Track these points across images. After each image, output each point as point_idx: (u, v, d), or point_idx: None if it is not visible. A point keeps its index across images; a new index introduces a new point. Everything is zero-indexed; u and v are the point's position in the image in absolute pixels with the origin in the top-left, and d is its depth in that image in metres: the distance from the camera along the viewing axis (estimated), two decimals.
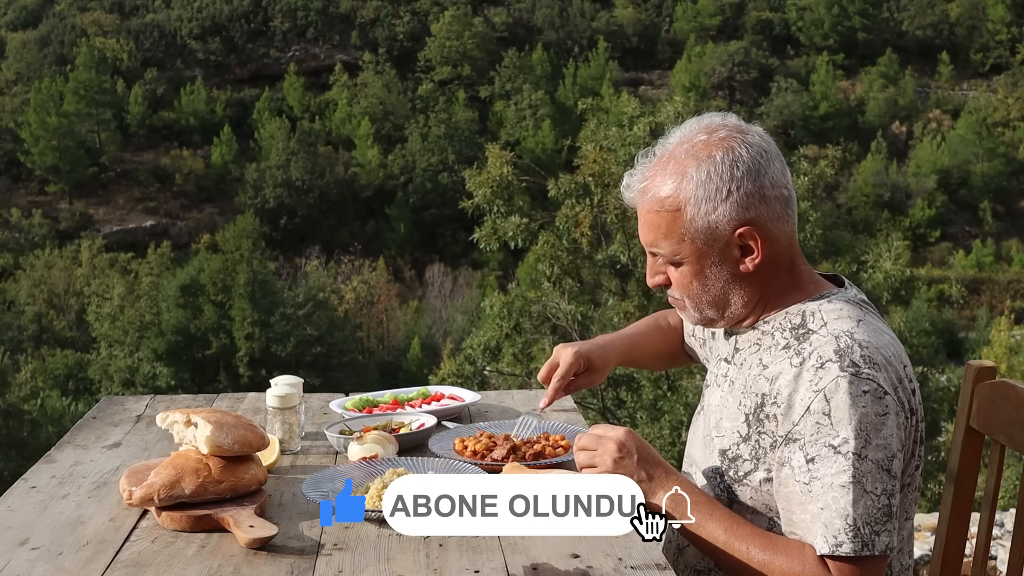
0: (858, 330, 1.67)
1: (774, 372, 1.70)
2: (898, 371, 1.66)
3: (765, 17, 69.86)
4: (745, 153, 1.71)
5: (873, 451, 1.58)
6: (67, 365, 36.22)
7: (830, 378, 1.61)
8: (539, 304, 13.53)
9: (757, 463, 1.71)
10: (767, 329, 1.78)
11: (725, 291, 1.77)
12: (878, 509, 1.57)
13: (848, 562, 1.57)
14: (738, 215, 1.70)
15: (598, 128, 13.75)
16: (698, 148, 1.73)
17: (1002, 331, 30.61)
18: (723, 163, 1.70)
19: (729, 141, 1.72)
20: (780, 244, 1.75)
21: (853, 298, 1.77)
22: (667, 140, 1.79)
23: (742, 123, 1.77)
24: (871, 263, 14.52)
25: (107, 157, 58.22)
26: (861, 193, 54.15)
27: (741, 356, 1.81)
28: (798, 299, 1.77)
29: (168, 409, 1.94)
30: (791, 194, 1.76)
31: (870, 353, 1.63)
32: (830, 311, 1.72)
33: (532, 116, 59.03)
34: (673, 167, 1.74)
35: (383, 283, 48.33)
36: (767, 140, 1.75)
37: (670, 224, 1.74)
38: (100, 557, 1.53)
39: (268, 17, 69.02)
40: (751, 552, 1.62)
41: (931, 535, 5.37)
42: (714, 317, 1.81)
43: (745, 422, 1.73)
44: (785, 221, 1.74)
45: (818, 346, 1.66)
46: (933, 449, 15.67)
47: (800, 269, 1.80)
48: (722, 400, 1.82)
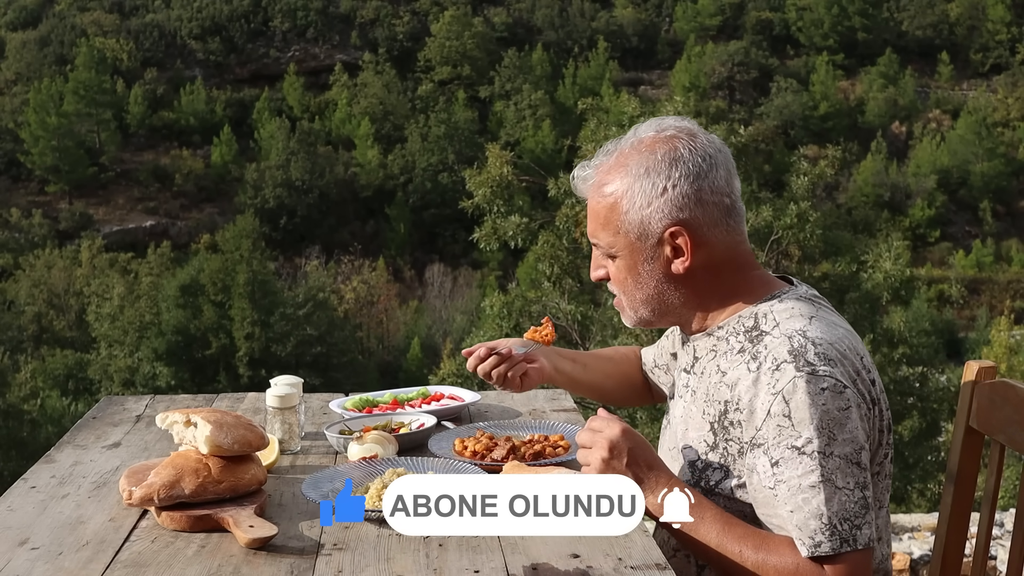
0: (811, 327, 1.66)
1: (733, 378, 1.70)
2: (855, 364, 1.66)
3: (765, 17, 69.89)
4: (687, 154, 1.72)
5: (840, 446, 1.58)
6: (67, 365, 36.23)
7: (787, 379, 1.61)
8: (539, 304, 13.52)
9: (728, 471, 1.71)
10: (722, 335, 1.77)
11: (658, 290, 1.78)
12: (854, 503, 1.57)
13: (833, 561, 1.56)
14: (671, 214, 1.72)
15: (598, 128, 13.74)
16: (643, 144, 1.76)
17: (1002, 331, 30.59)
18: (663, 160, 1.72)
19: (673, 141, 1.74)
20: (717, 250, 1.75)
21: (804, 295, 1.77)
22: (622, 137, 1.81)
23: (696, 128, 1.78)
24: (871, 263, 14.51)
25: (107, 157, 58.26)
26: (861, 193, 54.14)
27: (700, 365, 1.80)
28: (749, 302, 1.77)
29: (168, 409, 1.94)
30: (734, 204, 1.76)
31: (824, 350, 1.63)
32: (782, 311, 1.72)
33: (532, 116, 59.05)
34: (617, 159, 1.77)
35: (383, 283, 48.34)
36: (718, 148, 1.75)
37: (607, 215, 1.76)
38: (100, 557, 1.53)
39: (268, 17, 69.06)
40: (745, 553, 1.61)
41: (931, 535, 5.38)
42: (648, 317, 1.81)
43: (711, 431, 1.73)
44: (724, 229, 1.74)
45: (772, 348, 1.66)
46: (933, 449, 15.65)
47: (751, 274, 1.79)
48: (685, 411, 1.82)
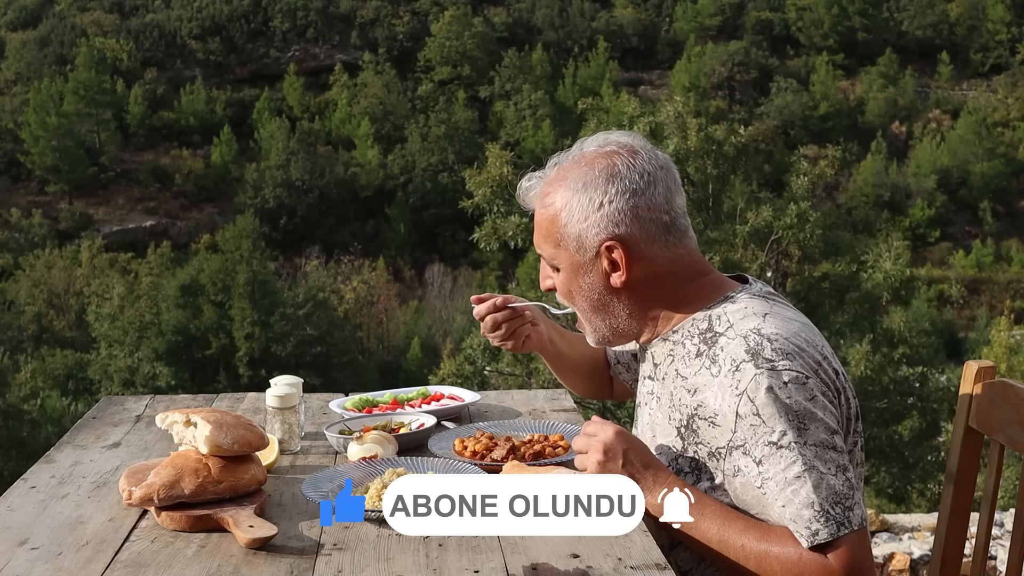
0: (765, 324, 1.67)
1: (694, 383, 1.70)
2: (814, 355, 1.66)
3: (765, 17, 69.88)
4: (625, 171, 1.73)
5: (813, 435, 1.59)
6: (67, 365, 36.23)
7: (748, 378, 1.61)
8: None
9: (700, 473, 1.71)
10: (677, 339, 1.78)
11: (602, 302, 1.79)
12: (840, 485, 1.58)
13: (834, 546, 1.57)
14: (606, 228, 1.73)
15: (598, 128, 13.76)
16: (584, 159, 1.77)
17: (1002, 331, 30.59)
18: (600, 176, 1.74)
19: (613, 157, 1.75)
20: (657, 264, 1.75)
21: (758, 292, 1.77)
22: (568, 150, 1.83)
23: (640, 145, 1.78)
24: (871, 263, 14.53)
25: (107, 157, 58.25)
26: (861, 193, 54.14)
27: (661, 370, 1.81)
28: (702, 306, 1.77)
29: (168, 409, 1.94)
30: (674, 220, 1.76)
31: (781, 345, 1.63)
32: (735, 311, 1.72)
33: (532, 116, 59.04)
34: (558, 173, 1.79)
35: (383, 283, 48.33)
36: (659, 166, 1.75)
37: (548, 227, 1.79)
38: (100, 557, 1.53)
39: (268, 17, 69.05)
40: (747, 546, 1.61)
41: (931, 535, 5.38)
42: (604, 331, 1.82)
43: (678, 435, 1.74)
44: (662, 244, 1.75)
45: (729, 349, 1.66)
46: (933, 449, 15.66)
47: (698, 281, 1.79)
48: (651, 417, 1.82)
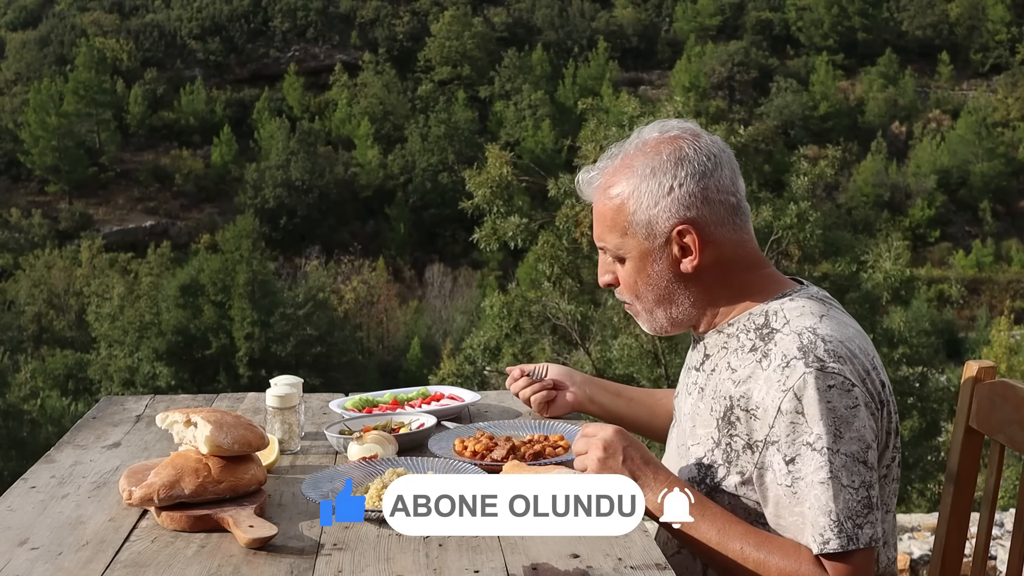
0: (821, 325, 1.67)
1: (743, 375, 1.70)
2: (864, 364, 1.66)
3: (765, 17, 69.90)
4: (692, 153, 1.74)
5: (846, 444, 1.58)
6: (67, 365, 36.24)
7: (797, 375, 1.61)
8: (539, 304, 13.53)
9: (729, 467, 1.71)
10: (732, 332, 1.78)
11: (669, 291, 1.78)
12: (857, 502, 1.57)
13: (838, 559, 1.57)
14: (678, 212, 1.73)
15: (598, 128, 13.75)
16: (648, 145, 1.77)
17: (1002, 331, 30.63)
18: (668, 160, 1.74)
19: (678, 141, 1.76)
20: (724, 249, 1.76)
21: (815, 295, 1.78)
22: (626, 140, 1.83)
23: (699, 129, 1.80)
24: (871, 263, 14.52)
25: (107, 157, 58.26)
26: (861, 193, 54.16)
27: (711, 362, 1.80)
28: (759, 300, 1.77)
29: (168, 409, 1.94)
30: (740, 203, 1.77)
31: (834, 347, 1.63)
32: (792, 309, 1.72)
33: (532, 116, 59.05)
34: (622, 161, 1.79)
35: (383, 283, 48.36)
36: (721, 149, 1.77)
37: (614, 217, 1.78)
38: (100, 557, 1.53)
39: (268, 17, 69.07)
40: (746, 551, 1.61)
41: (931, 535, 5.37)
42: (664, 321, 1.82)
43: (716, 427, 1.73)
44: (731, 228, 1.76)
45: (782, 345, 1.66)
46: (933, 449, 15.66)
47: (761, 272, 1.80)
48: (694, 407, 1.82)
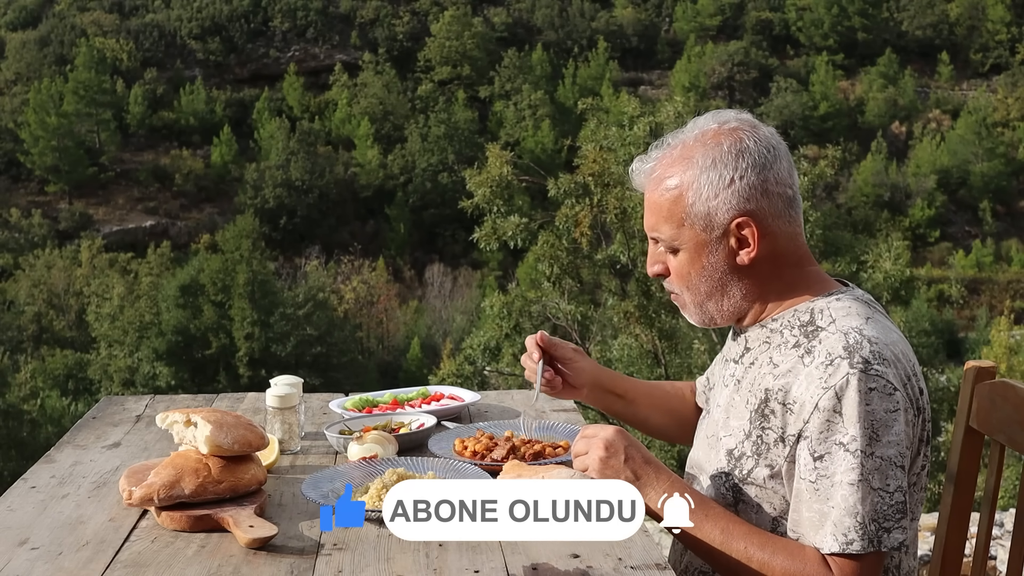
0: (867, 327, 1.66)
1: (783, 369, 1.70)
2: (906, 369, 1.66)
3: (765, 17, 69.88)
4: (752, 145, 1.73)
5: (882, 448, 1.57)
6: (67, 365, 36.24)
7: (840, 375, 1.60)
8: (539, 304, 13.53)
9: (759, 459, 1.70)
10: (776, 327, 1.77)
11: (722, 283, 1.77)
12: (889, 506, 1.56)
13: (853, 559, 1.56)
14: (738, 204, 1.72)
15: (598, 128, 13.73)
16: (707, 136, 1.76)
17: (1002, 331, 30.63)
18: (729, 152, 1.72)
19: (738, 132, 1.75)
20: (780, 242, 1.75)
21: (861, 297, 1.77)
22: (682, 130, 1.82)
23: (757, 121, 1.79)
24: (871, 263, 14.51)
25: (107, 157, 58.25)
26: (861, 193, 54.17)
27: (751, 355, 1.80)
28: (806, 297, 1.77)
29: (168, 409, 1.94)
30: (796, 195, 1.77)
31: (879, 349, 1.62)
32: (839, 308, 1.72)
33: (532, 116, 59.06)
34: (681, 152, 1.77)
35: (383, 283, 48.35)
36: (777, 139, 1.77)
37: (671, 207, 1.76)
38: (100, 557, 1.53)
39: (268, 17, 69.03)
40: (750, 551, 1.61)
41: (931, 535, 5.37)
42: (714, 313, 1.81)
43: (749, 419, 1.73)
44: (787, 220, 1.75)
45: (827, 343, 1.65)
46: (933, 449, 15.64)
47: (808, 269, 1.80)
48: (729, 399, 1.81)
